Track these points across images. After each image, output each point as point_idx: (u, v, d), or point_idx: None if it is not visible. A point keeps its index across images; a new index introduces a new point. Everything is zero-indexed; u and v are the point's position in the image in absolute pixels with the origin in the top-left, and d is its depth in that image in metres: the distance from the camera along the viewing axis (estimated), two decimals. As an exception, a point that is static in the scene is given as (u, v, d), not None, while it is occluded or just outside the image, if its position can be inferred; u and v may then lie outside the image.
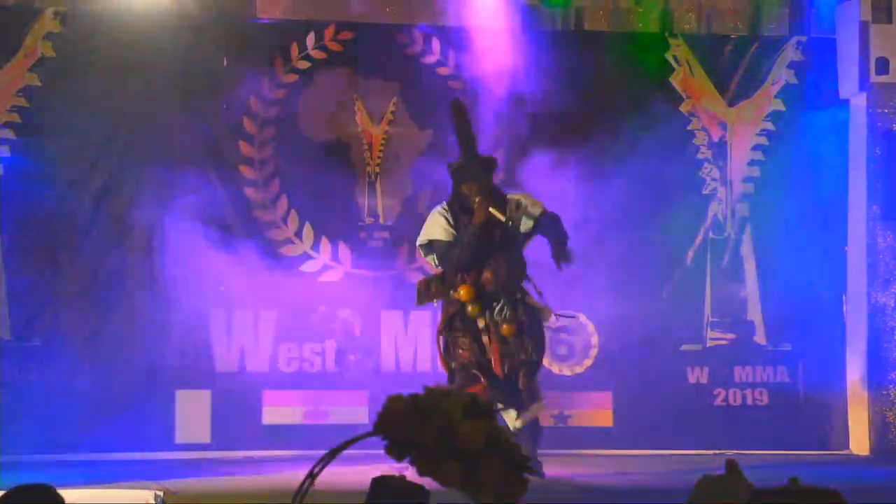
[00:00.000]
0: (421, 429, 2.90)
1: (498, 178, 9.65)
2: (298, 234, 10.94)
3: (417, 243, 9.19)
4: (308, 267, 10.95)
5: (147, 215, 10.56)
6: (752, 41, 11.50)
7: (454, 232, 8.93)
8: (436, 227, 9.01)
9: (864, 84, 11.21)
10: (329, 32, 11.02)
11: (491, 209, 8.80)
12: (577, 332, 11.14)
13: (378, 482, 3.36)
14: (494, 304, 8.92)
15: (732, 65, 11.48)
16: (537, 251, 9.27)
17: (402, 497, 3.34)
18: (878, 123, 11.25)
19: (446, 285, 8.98)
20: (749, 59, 11.49)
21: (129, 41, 10.55)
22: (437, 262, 9.06)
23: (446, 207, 9.04)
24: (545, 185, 10.92)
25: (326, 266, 10.99)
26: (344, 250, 11.02)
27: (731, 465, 3.44)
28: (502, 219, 8.81)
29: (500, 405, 8.76)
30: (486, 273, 8.90)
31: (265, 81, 10.89)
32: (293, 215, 10.93)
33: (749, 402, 11.38)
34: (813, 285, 11.35)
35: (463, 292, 8.86)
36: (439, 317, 9.08)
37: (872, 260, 11.21)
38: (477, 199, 8.85)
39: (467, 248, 8.86)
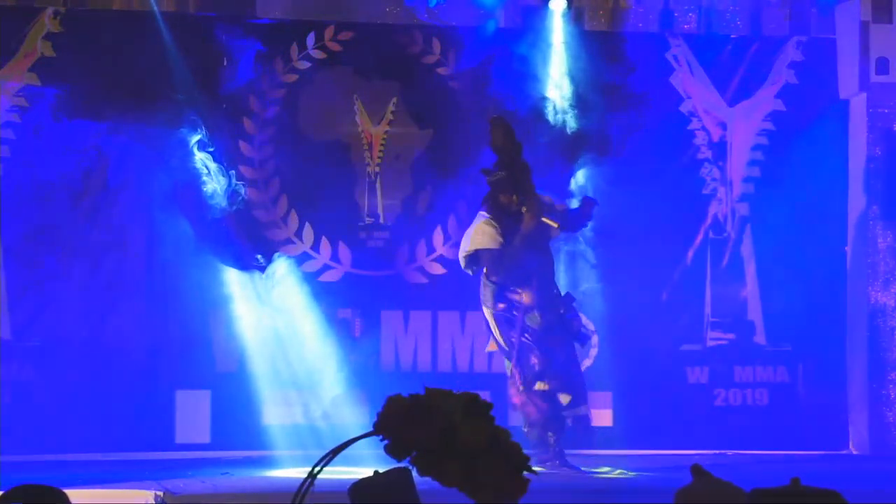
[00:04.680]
0: (421, 429, 2.89)
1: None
2: (298, 234, 10.95)
3: (461, 255, 9.20)
4: (308, 267, 10.95)
5: (146, 215, 10.57)
6: (752, 41, 11.51)
7: (502, 240, 8.98)
8: (483, 235, 9.04)
9: (864, 84, 11.21)
10: (329, 32, 11.02)
11: (544, 218, 8.94)
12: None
13: (354, 489, 3.35)
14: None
15: (732, 65, 11.48)
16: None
17: (383, 489, 3.34)
18: (878, 123, 11.26)
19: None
20: (749, 59, 11.49)
21: (128, 41, 10.56)
22: (486, 271, 9.09)
23: (491, 218, 9.06)
24: (544, 184, 10.93)
25: (326, 266, 10.99)
26: (344, 250, 11.02)
27: (696, 470, 3.42)
28: (555, 226, 9.02)
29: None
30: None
31: (265, 81, 10.89)
32: (293, 215, 10.93)
33: (749, 402, 11.38)
34: (813, 285, 11.35)
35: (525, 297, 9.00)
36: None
37: (872, 260, 11.22)
38: (524, 208, 8.95)
39: (518, 255, 8.95)
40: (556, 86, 11.13)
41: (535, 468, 3.02)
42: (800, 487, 3.22)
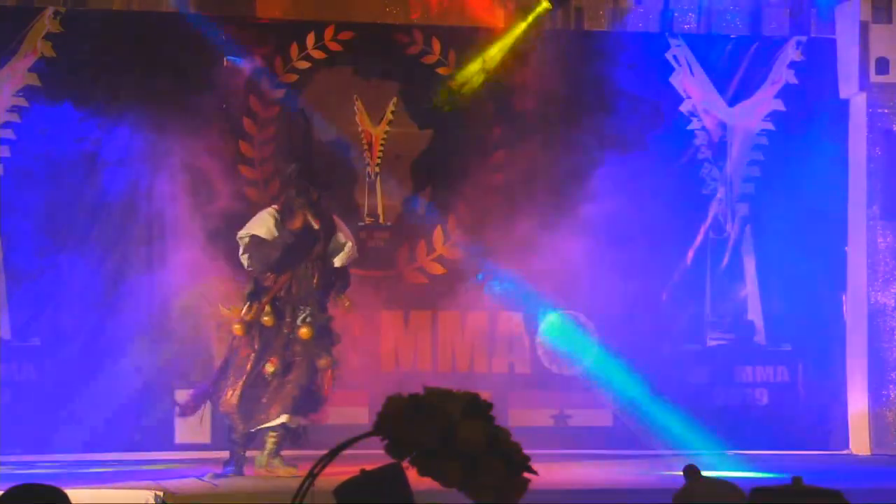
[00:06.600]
0: (421, 429, 2.90)
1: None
2: (298, 234, 10.92)
3: (238, 235, 9.13)
4: (308, 267, 10.92)
5: (146, 216, 10.57)
6: (752, 41, 11.50)
7: (276, 235, 8.96)
8: (261, 225, 9.02)
9: (864, 84, 11.21)
10: (329, 32, 11.01)
11: (309, 216, 8.91)
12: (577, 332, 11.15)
13: (340, 489, 3.29)
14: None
15: (732, 65, 11.48)
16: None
17: (373, 488, 3.30)
18: (878, 123, 11.26)
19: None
20: (749, 59, 11.49)
21: (128, 41, 10.56)
22: (248, 260, 9.07)
23: (276, 209, 9.08)
24: (543, 184, 10.93)
25: (326, 266, 10.97)
26: (344, 250, 11.00)
27: (688, 472, 3.42)
28: (316, 226, 8.94)
29: None
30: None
31: (265, 81, 10.89)
32: (293, 215, 10.91)
33: (749, 402, 11.37)
34: (813, 285, 11.35)
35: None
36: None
37: (872, 260, 11.21)
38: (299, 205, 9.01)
39: (280, 250, 8.96)
40: (555, 86, 11.12)
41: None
42: (801, 487, 3.22)
